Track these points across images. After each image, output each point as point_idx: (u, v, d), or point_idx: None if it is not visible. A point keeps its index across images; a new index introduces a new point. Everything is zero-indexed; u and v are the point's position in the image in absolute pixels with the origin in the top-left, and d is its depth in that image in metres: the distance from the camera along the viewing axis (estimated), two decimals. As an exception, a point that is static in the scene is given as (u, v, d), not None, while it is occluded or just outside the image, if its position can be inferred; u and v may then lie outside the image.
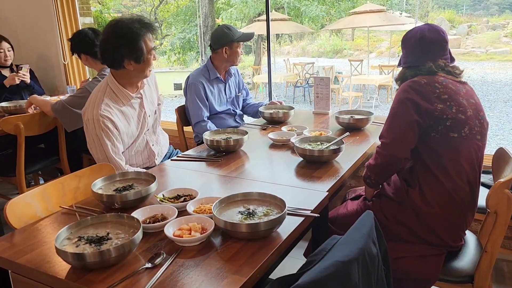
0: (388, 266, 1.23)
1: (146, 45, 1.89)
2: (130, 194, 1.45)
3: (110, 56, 1.89)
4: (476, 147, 1.58)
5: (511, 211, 1.41)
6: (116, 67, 1.92)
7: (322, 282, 0.92)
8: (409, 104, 1.57)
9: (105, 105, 1.91)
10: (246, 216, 1.28)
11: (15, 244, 1.28)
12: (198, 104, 2.71)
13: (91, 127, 1.89)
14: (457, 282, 1.55)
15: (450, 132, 1.56)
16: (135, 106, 2.06)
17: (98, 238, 1.18)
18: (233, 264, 1.12)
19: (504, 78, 11.97)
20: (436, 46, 1.66)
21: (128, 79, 1.98)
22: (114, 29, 1.87)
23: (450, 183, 1.56)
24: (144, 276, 1.08)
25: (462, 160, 1.56)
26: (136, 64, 1.90)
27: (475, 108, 1.62)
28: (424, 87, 1.58)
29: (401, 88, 1.63)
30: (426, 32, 1.66)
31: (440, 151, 1.57)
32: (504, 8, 20.11)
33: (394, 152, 1.62)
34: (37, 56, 4.04)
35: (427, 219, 1.58)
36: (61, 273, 1.12)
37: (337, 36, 18.87)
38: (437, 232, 1.58)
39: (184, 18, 13.94)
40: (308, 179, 1.69)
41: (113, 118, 1.92)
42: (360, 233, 1.11)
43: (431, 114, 1.56)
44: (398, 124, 1.60)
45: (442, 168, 1.57)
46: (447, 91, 1.58)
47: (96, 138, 1.90)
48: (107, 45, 1.87)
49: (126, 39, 1.84)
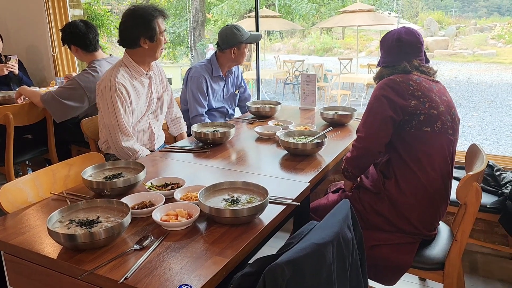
0: (362, 250, 1.31)
1: (159, 26, 2.15)
2: (120, 181, 1.51)
3: (129, 35, 2.14)
4: (448, 141, 1.68)
5: (479, 202, 1.50)
6: (133, 46, 2.16)
7: (299, 261, 1.00)
8: (384, 101, 1.66)
9: (121, 75, 2.14)
10: (230, 203, 1.35)
11: (8, 227, 1.33)
12: (199, 99, 2.76)
13: (107, 94, 2.09)
14: (429, 269, 1.64)
15: (423, 127, 1.64)
16: (145, 84, 2.27)
17: (88, 221, 1.24)
18: (217, 247, 1.19)
19: (489, 79, 12.20)
20: (412, 47, 1.75)
21: (142, 57, 2.20)
22: (132, 12, 2.14)
23: (424, 175, 1.65)
24: (132, 257, 1.15)
25: (434, 153, 1.65)
26: (150, 43, 2.14)
27: (447, 104, 1.71)
28: (399, 84, 1.66)
29: (378, 85, 1.72)
30: (403, 35, 1.75)
31: (414, 145, 1.66)
32: (492, 10, 20.42)
33: (369, 145, 1.71)
34: (26, 47, 4.04)
35: (402, 209, 1.67)
36: (52, 254, 1.17)
37: (327, 34, 19.00)
38: (412, 221, 1.66)
39: (175, 13, 13.90)
40: (291, 171, 1.77)
41: (127, 87, 2.13)
42: (336, 218, 1.18)
43: (405, 109, 1.64)
44: (373, 119, 1.69)
45: (416, 160, 1.65)
46: (420, 88, 1.67)
47: (110, 104, 2.09)
48: (126, 25, 2.14)
49: (142, 19, 2.11)
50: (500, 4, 20.41)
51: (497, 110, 8.71)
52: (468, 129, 7.36)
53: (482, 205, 1.99)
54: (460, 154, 2.39)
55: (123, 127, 2.10)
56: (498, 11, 20.35)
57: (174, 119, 2.60)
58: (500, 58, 15.15)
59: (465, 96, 10.22)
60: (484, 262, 2.45)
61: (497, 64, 14.59)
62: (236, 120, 2.74)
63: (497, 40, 16.91)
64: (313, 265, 1.03)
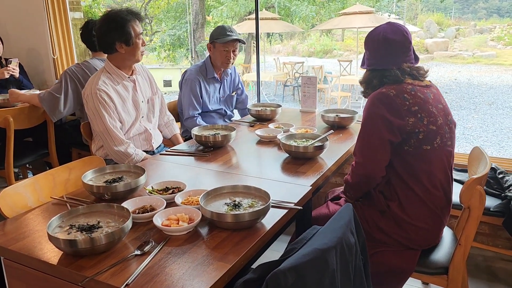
0: (365, 255, 1.30)
1: (134, 30, 2.13)
2: (120, 185, 1.49)
3: (104, 40, 2.13)
4: (447, 154, 1.62)
5: (483, 206, 1.49)
6: (110, 51, 2.16)
7: (301, 267, 0.99)
8: (380, 122, 1.56)
9: (102, 81, 2.13)
10: (232, 207, 1.34)
11: (7, 232, 1.32)
12: (192, 101, 2.75)
13: (90, 101, 2.10)
14: (433, 274, 1.63)
15: (423, 145, 1.56)
16: (129, 88, 2.25)
17: (89, 226, 1.22)
18: (219, 252, 1.18)
19: (489, 81, 12.19)
20: (400, 48, 1.64)
21: (122, 61, 2.19)
22: (106, 17, 2.14)
23: (427, 196, 1.59)
24: (133, 262, 1.13)
25: (435, 169, 1.59)
26: (126, 47, 2.13)
27: (443, 114, 1.63)
28: (394, 99, 1.56)
29: (370, 101, 1.61)
30: (389, 34, 1.63)
31: (414, 164, 1.58)
32: (492, 12, 20.44)
33: (368, 171, 1.63)
34: (27, 50, 4.03)
35: (408, 230, 1.62)
36: (53, 259, 1.16)
37: (327, 36, 19.00)
38: (417, 240, 1.63)
39: (175, 15, 13.91)
40: (293, 174, 1.75)
41: (109, 92, 2.12)
42: (339, 223, 1.17)
43: (403, 129, 1.55)
44: (370, 143, 1.60)
45: (417, 180, 1.59)
46: (416, 102, 1.57)
47: (95, 111, 2.10)
48: (101, 30, 2.13)
49: (115, 24, 2.09)
50: (499, 6, 20.44)
51: (498, 112, 8.70)
52: (469, 131, 7.35)
53: (486, 208, 1.95)
54: (462, 156, 2.37)
55: (111, 132, 2.10)
56: (498, 12, 20.37)
57: (167, 122, 2.59)
58: (500, 60, 15.14)
59: (465, 97, 10.21)
60: (488, 265, 2.44)
61: (497, 65, 14.58)
62: (236, 122, 2.73)
63: (496, 41, 16.91)
64: (316, 271, 1.02)
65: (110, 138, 2.11)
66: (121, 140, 2.13)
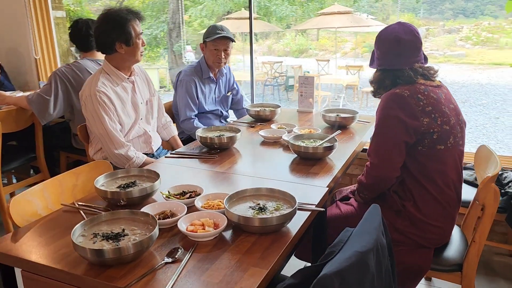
0: (392, 256, 1.30)
1: (134, 29, 2.08)
2: (135, 190, 1.45)
3: (104, 40, 2.06)
4: (459, 153, 1.65)
5: (497, 204, 1.52)
6: (109, 51, 2.10)
7: (345, 271, 0.98)
8: (395, 123, 1.56)
9: (101, 83, 2.07)
10: (257, 211, 1.32)
11: (22, 243, 1.25)
12: (188, 102, 2.70)
13: (89, 104, 2.04)
14: (448, 271, 1.65)
15: (436, 145, 1.58)
16: (128, 89, 2.19)
17: (114, 235, 1.17)
18: (251, 257, 1.15)
19: (461, 80, 12.57)
20: (412, 48, 1.65)
21: (121, 62, 2.13)
22: (105, 16, 2.07)
23: (441, 196, 1.61)
24: (165, 271, 1.09)
25: (448, 169, 1.61)
26: (126, 47, 2.08)
27: (455, 113, 1.66)
28: (408, 100, 1.57)
29: (384, 101, 1.62)
30: (401, 34, 1.64)
31: (427, 164, 1.60)
32: (458, 13, 21.04)
33: (384, 172, 1.64)
34: (7, 51, 3.87)
35: (424, 229, 1.64)
36: (77, 270, 1.11)
37: (302, 36, 19.13)
38: (430, 238, 1.65)
39: (151, 14, 13.67)
40: (306, 175, 1.74)
41: (109, 94, 2.07)
42: (373, 225, 1.17)
43: (418, 130, 1.56)
44: (385, 144, 1.61)
45: (431, 180, 1.61)
46: (430, 102, 1.58)
47: (94, 113, 2.03)
48: (100, 30, 2.07)
49: (115, 23, 2.04)
50: (464, 7, 21.05)
51: (472, 110, 8.97)
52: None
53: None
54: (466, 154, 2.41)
55: (112, 134, 2.05)
56: (463, 13, 20.98)
57: (164, 124, 2.54)
58: (469, 59, 15.64)
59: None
60: (485, 259, 2.50)
61: (467, 64, 15.06)
62: (235, 123, 2.70)
63: (465, 41, 17.45)
64: (358, 274, 1.01)
65: (110, 141, 2.05)
66: (121, 143, 2.07)
